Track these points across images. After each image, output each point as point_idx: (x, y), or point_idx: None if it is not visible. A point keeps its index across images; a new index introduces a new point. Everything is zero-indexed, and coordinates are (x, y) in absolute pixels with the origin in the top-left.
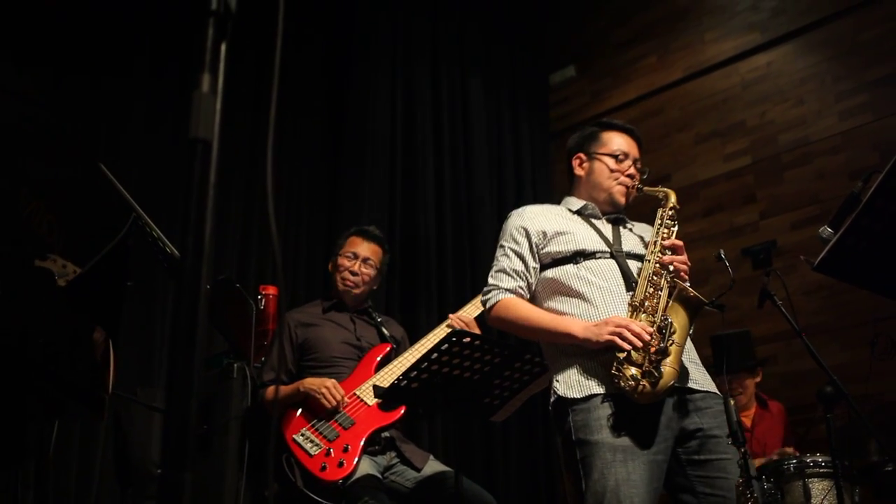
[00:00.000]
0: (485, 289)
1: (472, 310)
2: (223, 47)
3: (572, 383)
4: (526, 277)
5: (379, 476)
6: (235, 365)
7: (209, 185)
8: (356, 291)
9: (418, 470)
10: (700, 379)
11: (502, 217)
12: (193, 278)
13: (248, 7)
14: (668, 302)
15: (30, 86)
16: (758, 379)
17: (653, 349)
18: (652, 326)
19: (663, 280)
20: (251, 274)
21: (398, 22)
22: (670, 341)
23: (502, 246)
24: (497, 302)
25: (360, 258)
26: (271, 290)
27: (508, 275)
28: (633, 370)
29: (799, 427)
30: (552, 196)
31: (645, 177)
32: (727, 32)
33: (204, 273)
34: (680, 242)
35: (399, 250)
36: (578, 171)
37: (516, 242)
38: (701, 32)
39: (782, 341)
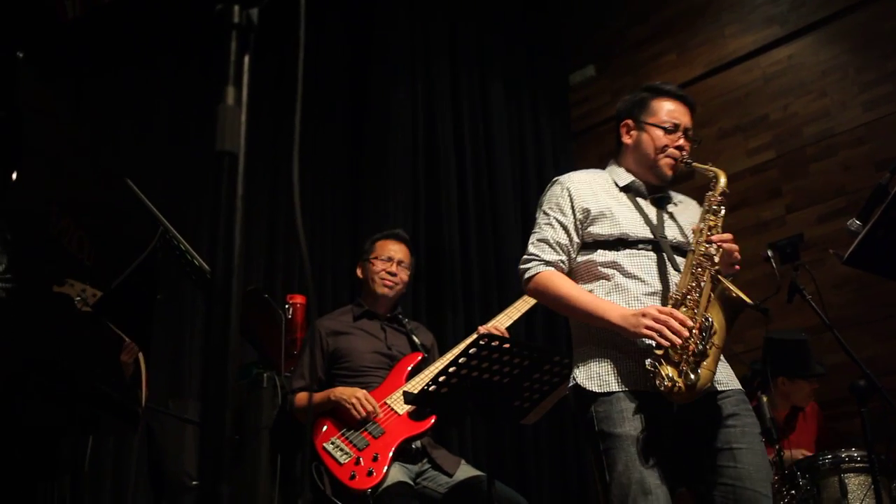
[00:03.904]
0: (525, 256)
1: (503, 319)
2: (247, 59)
3: (592, 375)
4: (568, 251)
5: (411, 483)
6: (265, 375)
7: (237, 198)
8: (393, 293)
9: (450, 475)
10: (724, 378)
11: (526, 218)
12: (225, 291)
13: (265, 14)
14: (710, 298)
15: (54, 103)
16: (815, 386)
17: (691, 348)
18: (692, 322)
19: (707, 273)
20: (278, 283)
21: (417, 27)
22: (710, 343)
23: (546, 213)
24: (537, 274)
25: (395, 260)
26: (299, 299)
27: (551, 246)
28: (669, 370)
29: (833, 422)
30: None
31: (696, 146)
32: (747, 27)
33: (235, 286)
34: (729, 235)
35: (424, 255)
36: (626, 139)
37: (562, 212)
38: (720, 27)
39: (812, 335)
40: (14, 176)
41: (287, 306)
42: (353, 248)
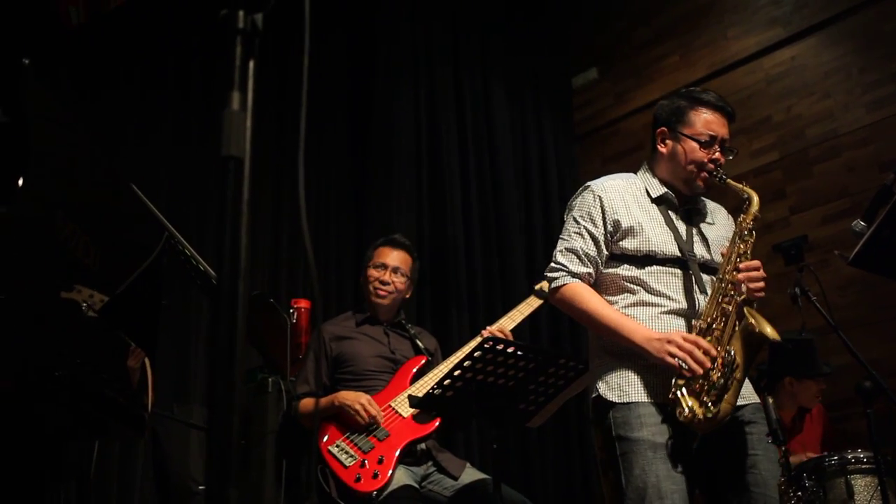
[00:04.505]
0: (552, 265)
1: (507, 322)
2: (251, 65)
3: (613, 386)
4: (596, 264)
5: (416, 486)
6: (270, 379)
7: (243, 203)
8: (387, 301)
9: (455, 478)
10: (744, 392)
11: (530, 222)
12: (231, 296)
13: (268, 19)
14: (734, 328)
15: (58, 109)
16: (822, 386)
17: (714, 379)
18: (716, 352)
19: (733, 304)
20: (282, 288)
21: (419, 31)
22: (731, 379)
23: (577, 221)
24: (565, 285)
25: (390, 268)
26: (303, 304)
27: (580, 258)
28: (691, 401)
29: (838, 423)
30: None
31: (731, 157)
32: (749, 28)
33: (241, 291)
34: (757, 263)
35: (428, 259)
36: (661, 147)
37: (594, 223)
38: (723, 29)
39: (818, 337)
40: (20, 182)
41: (291, 311)
42: (357, 253)
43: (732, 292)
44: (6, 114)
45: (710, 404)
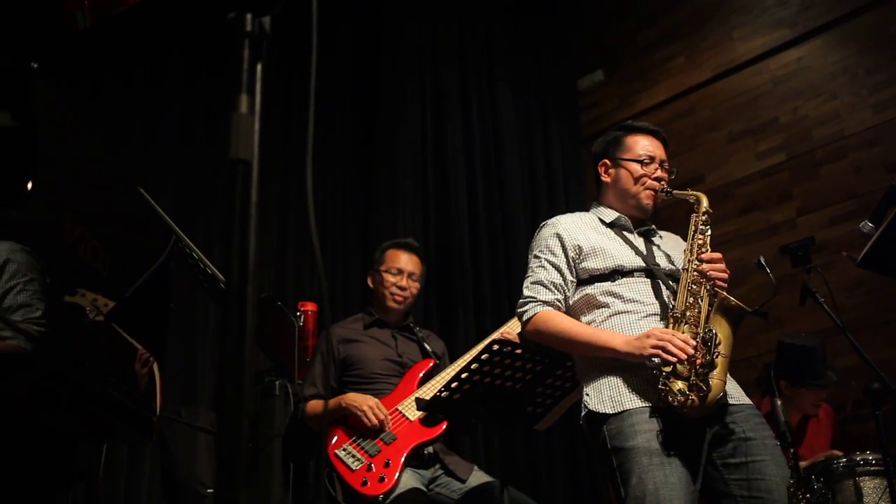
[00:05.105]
0: (521, 300)
1: (514, 325)
2: (259, 67)
3: (604, 398)
4: (563, 290)
5: (424, 489)
6: (277, 382)
7: (251, 206)
8: (403, 307)
9: (463, 481)
10: (735, 392)
11: (536, 224)
12: (240, 299)
13: (274, 18)
14: (709, 311)
15: (66, 112)
16: (821, 394)
17: (698, 361)
18: (695, 338)
19: (703, 289)
20: (289, 291)
21: (425, 32)
22: (716, 353)
23: (538, 256)
24: (535, 315)
25: (406, 273)
26: (310, 307)
27: (546, 287)
28: (680, 384)
29: (846, 425)
30: (586, 201)
31: (672, 177)
32: (756, 29)
33: (250, 294)
34: (718, 255)
35: (434, 261)
36: (605, 178)
37: (553, 254)
38: (729, 31)
39: (825, 338)
40: (29, 185)
41: (298, 314)
42: (363, 255)
43: (701, 280)
44: (15, 118)
45: (699, 384)
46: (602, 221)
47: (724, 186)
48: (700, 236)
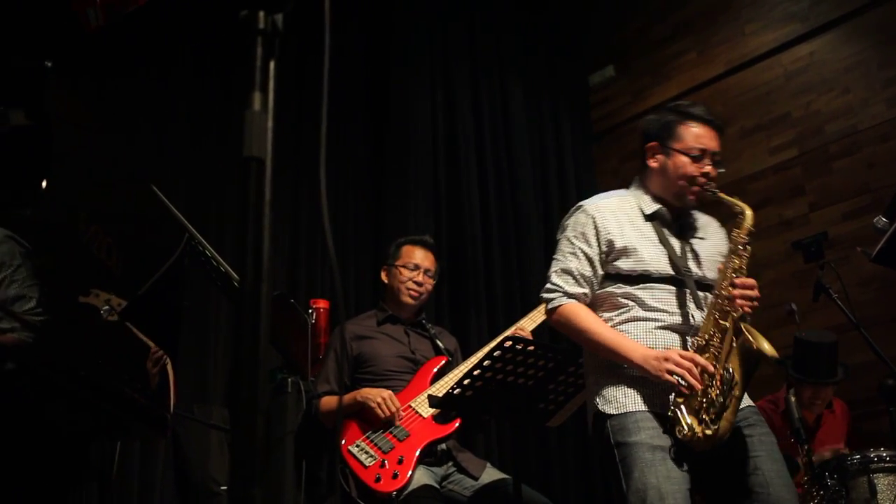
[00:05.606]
0: (548, 286)
1: (527, 323)
2: (272, 65)
3: (610, 399)
4: (591, 284)
5: (436, 486)
6: (290, 379)
7: (265, 204)
8: (418, 302)
9: (476, 478)
10: None
11: (548, 221)
12: (254, 297)
13: (285, 15)
14: (731, 345)
15: (80, 111)
16: (819, 391)
17: (712, 395)
18: (713, 368)
19: (729, 321)
20: (301, 288)
21: (436, 30)
22: (730, 397)
23: (571, 242)
24: (561, 306)
25: (422, 269)
26: (322, 304)
27: (576, 279)
28: (690, 419)
29: (860, 422)
30: None
31: (722, 171)
32: (768, 24)
33: (264, 293)
34: (752, 282)
35: (446, 258)
36: (652, 163)
37: (587, 243)
38: (741, 25)
39: (838, 334)
40: (44, 184)
41: (310, 311)
42: (375, 252)
43: (728, 308)
44: (29, 117)
45: (709, 422)
46: (642, 212)
47: (736, 182)
48: (737, 259)
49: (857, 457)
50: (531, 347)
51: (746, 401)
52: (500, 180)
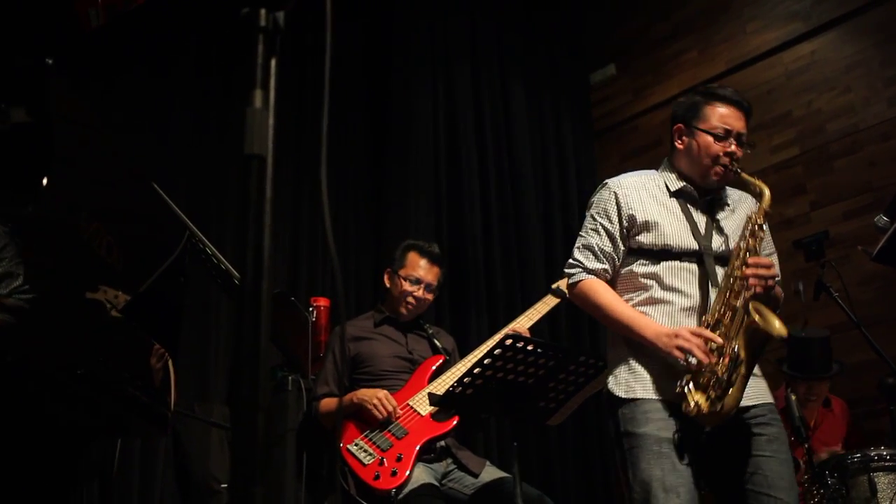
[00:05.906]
0: (570, 261)
1: (525, 321)
2: (273, 63)
3: (620, 381)
4: (613, 260)
5: (436, 484)
6: (290, 377)
7: (266, 202)
8: (415, 314)
9: (476, 476)
10: (754, 393)
11: (549, 220)
12: (254, 295)
13: (287, 15)
14: (741, 324)
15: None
16: (811, 387)
17: (720, 372)
18: (722, 340)
19: (740, 300)
20: (302, 285)
21: (437, 27)
22: (736, 374)
23: (594, 218)
24: (581, 281)
25: (424, 284)
26: (322, 302)
27: (596, 255)
28: (698, 396)
29: (860, 420)
30: None
31: (750, 151)
32: (769, 23)
33: (265, 291)
34: (767, 261)
35: (447, 256)
36: (678, 144)
37: (610, 220)
38: (742, 24)
39: (839, 333)
40: (44, 182)
41: (311, 309)
42: (375, 251)
43: (740, 288)
44: (30, 114)
45: (715, 398)
46: (668, 189)
47: None
48: (751, 239)
49: (858, 455)
50: (531, 346)
51: (765, 398)
52: (501, 179)
